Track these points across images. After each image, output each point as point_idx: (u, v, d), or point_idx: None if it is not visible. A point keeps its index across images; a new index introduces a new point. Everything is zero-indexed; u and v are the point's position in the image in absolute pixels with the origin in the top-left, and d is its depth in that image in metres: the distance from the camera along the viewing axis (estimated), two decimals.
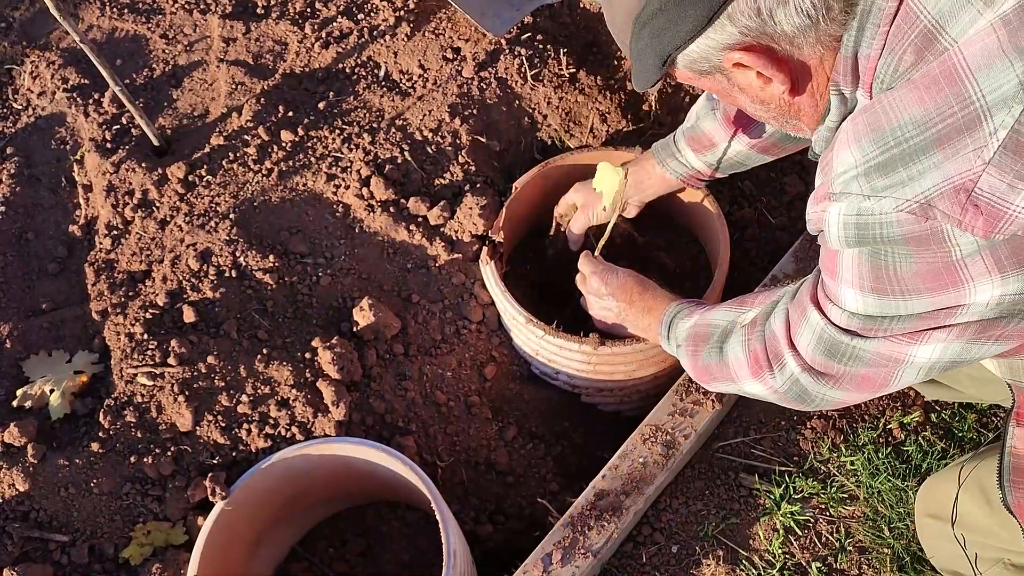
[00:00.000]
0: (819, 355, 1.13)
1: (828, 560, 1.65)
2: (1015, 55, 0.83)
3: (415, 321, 1.89)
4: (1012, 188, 0.82)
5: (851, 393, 1.16)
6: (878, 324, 1.03)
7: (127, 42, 2.40)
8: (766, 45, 0.98)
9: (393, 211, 1.97)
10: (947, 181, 0.85)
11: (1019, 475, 1.25)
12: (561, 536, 1.60)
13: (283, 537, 1.85)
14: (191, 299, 1.86)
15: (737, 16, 0.94)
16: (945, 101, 0.86)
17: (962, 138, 0.84)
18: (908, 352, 1.03)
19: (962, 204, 0.85)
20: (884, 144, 0.89)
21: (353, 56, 2.26)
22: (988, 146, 0.83)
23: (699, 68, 1.04)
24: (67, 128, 2.26)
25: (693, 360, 1.41)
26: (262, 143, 2.11)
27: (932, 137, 0.86)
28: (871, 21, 0.94)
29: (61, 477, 1.67)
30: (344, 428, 1.72)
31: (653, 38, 1.00)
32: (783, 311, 1.21)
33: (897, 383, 1.10)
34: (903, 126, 0.88)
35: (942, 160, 0.85)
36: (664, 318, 1.53)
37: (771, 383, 1.24)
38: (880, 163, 0.89)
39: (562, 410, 1.99)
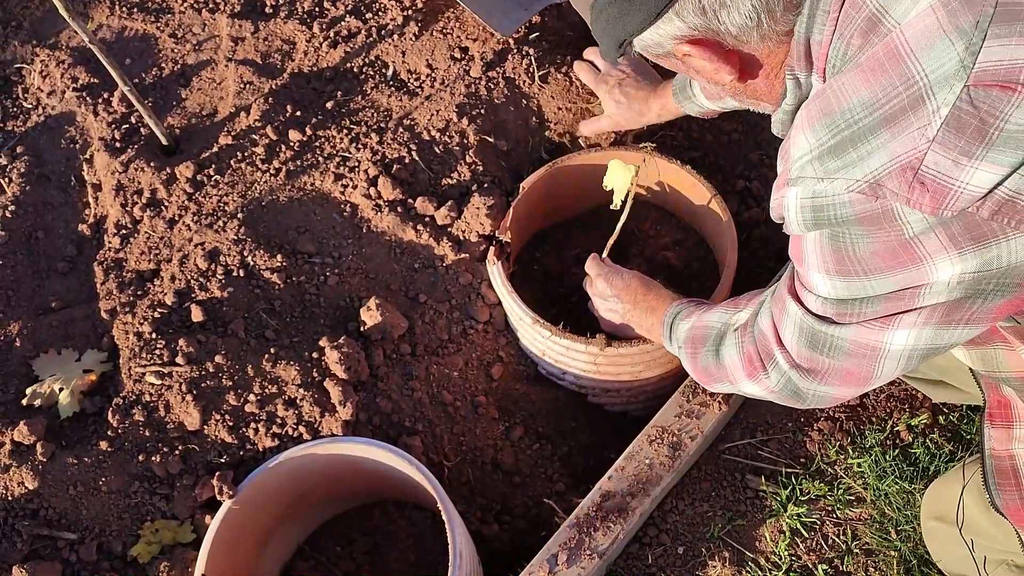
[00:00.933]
0: (803, 348, 1.15)
1: (835, 562, 1.65)
2: (955, 35, 0.84)
3: (422, 321, 1.89)
4: (957, 164, 0.84)
5: (839, 388, 1.17)
6: (849, 308, 1.05)
7: (136, 41, 2.41)
8: (713, 40, 1.03)
9: (400, 211, 1.97)
10: (894, 160, 0.87)
11: (1003, 477, 1.25)
12: (567, 537, 1.61)
13: (290, 536, 1.85)
14: (199, 298, 1.87)
15: (684, 13, 0.99)
16: (890, 82, 0.88)
17: (907, 117, 0.86)
18: (883, 339, 1.05)
19: (909, 182, 0.87)
20: (835, 127, 0.91)
21: (361, 55, 2.26)
22: (931, 124, 0.85)
23: (654, 52, 1.09)
24: (76, 127, 2.27)
25: (693, 362, 1.43)
26: (270, 142, 2.12)
27: (879, 118, 0.88)
28: (820, 8, 0.97)
29: (70, 475, 1.68)
30: (351, 428, 1.72)
31: (609, 23, 1.06)
32: (768, 309, 1.23)
33: (880, 374, 1.11)
34: (852, 108, 0.90)
35: (889, 139, 0.87)
36: (666, 319, 1.54)
37: (766, 383, 1.25)
38: (832, 146, 0.92)
39: (569, 410, 1.99)
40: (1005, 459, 1.27)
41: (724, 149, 2.17)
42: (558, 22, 2.25)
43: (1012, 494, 1.25)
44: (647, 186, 2.08)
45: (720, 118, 2.15)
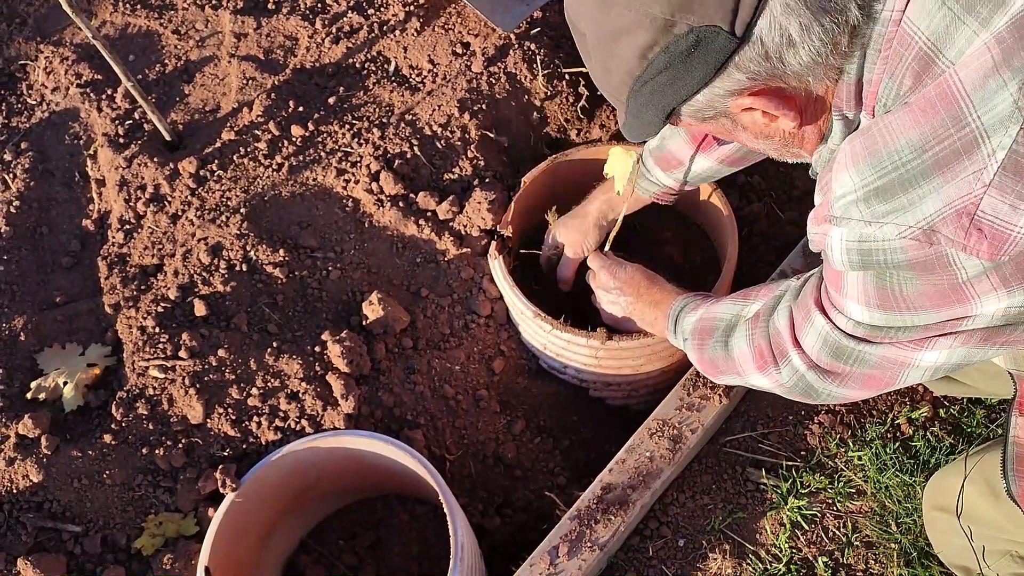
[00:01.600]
0: (825, 355, 1.13)
1: (835, 555, 1.65)
2: (1009, 74, 0.81)
3: (424, 315, 1.90)
4: (1015, 209, 0.81)
5: (857, 391, 1.16)
6: (884, 333, 1.03)
7: (140, 38, 2.42)
8: (775, 86, 0.97)
9: (402, 206, 1.97)
10: (948, 206, 0.84)
11: (1022, 463, 1.25)
12: (568, 529, 1.61)
13: (293, 529, 1.86)
14: (202, 293, 1.88)
15: (745, 63, 0.92)
16: (941, 123, 0.85)
17: (960, 161, 0.83)
18: (914, 356, 1.04)
19: (965, 228, 0.84)
20: (882, 168, 0.88)
21: (363, 51, 2.27)
22: (987, 168, 0.82)
23: (704, 115, 1.02)
24: (80, 123, 2.28)
25: (699, 353, 1.42)
26: (272, 138, 2.12)
27: (930, 161, 0.85)
28: (872, 47, 0.93)
29: (74, 468, 1.69)
30: (353, 421, 1.73)
31: (655, 94, 0.98)
32: (787, 309, 1.21)
33: (902, 382, 1.10)
34: (900, 150, 0.87)
35: (942, 184, 0.84)
36: (671, 312, 1.53)
37: (776, 378, 1.24)
38: (879, 188, 0.88)
39: (570, 404, 1.99)
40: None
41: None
42: (559, 17, 2.25)
43: None
44: None
45: None
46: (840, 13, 0.90)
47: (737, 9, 0.88)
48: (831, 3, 0.89)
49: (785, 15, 0.89)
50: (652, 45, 0.93)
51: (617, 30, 0.94)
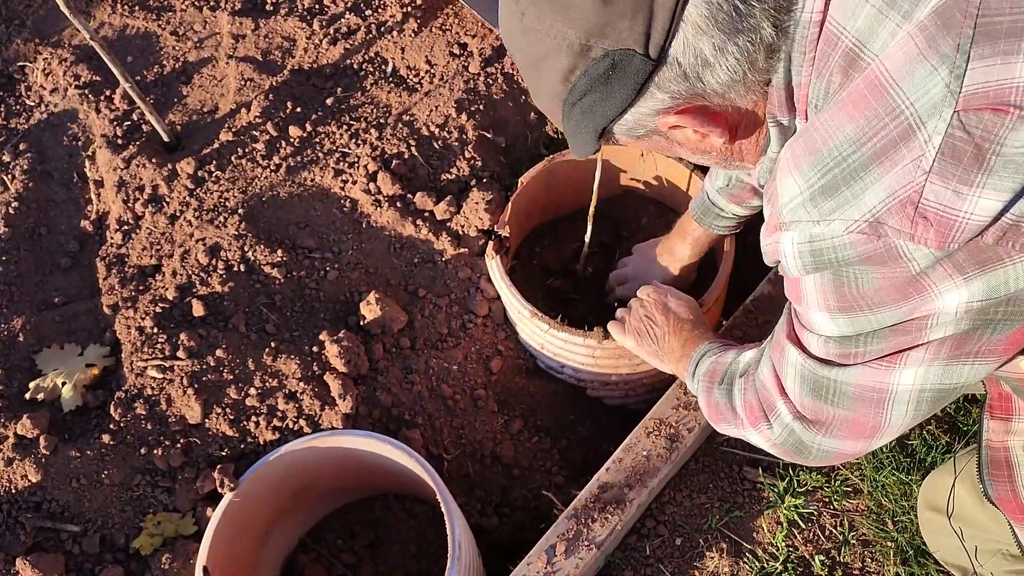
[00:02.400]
0: (806, 397, 1.11)
1: (832, 553, 1.66)
2: (937, 60, 0.82)
3: (421, 315, 1.90)
4: (958, 194, 0.81)
5: (845, 441, 1.14)
6: (853, 346, 1.01)
7: (138, 39, 2.42)
8: (699, 104, 0.98)
9: (400, 206, 1.98)
10: (892, 196, 0.84)
11: (997, 468, 1.25)
12: (565, 528, 1.62)
13: (291, 528, 1.87)
14: (200, 293, 1.88)
15: (664, 83, 0.94)
16: (875, 114, 0.85)
17: (899, 149, 0.83)
18: (889, 380, 1.02)
19: (911, 218, 0.83)
20: (824, 166, 0.88)
21: (361, 52, 2.27)
22: (926, 155, 0.81)
23: (636, 134, 1.04)
24: (79, 124, 2.28)
25: (706, 397, 1.39)
26: (270, 139, 2.13)
27: (869, 152, 0.85)
28: (796, 50, 0.93)
29: (73, 468, 1.69)
30: (351, 421, 1.73)
31: (584, 115, 1.00)
32: (768, 359, 1.19)
33: (889, 423, 1.07)
34: (839, 145, 0.87)
35: (882, 174, 0.84)
36: (695, 354, 1.50)
37: (768, 434, 1.22)
38: (823, 186, 0.88)
39: (568, 403, 2.00)
40: (1000, 450, 1.27)
41: None
42: None
43: (1004, 485, 1.25)
44: (645, 180, 2.09)
45: None
46: (753, 32, 0.91)
47: (650, 32, 0.90)
48: (744, 23, 0.90)
49: (697, 37, 0.90)
50: (573, 69, 0.95)
51: (540, 56, 0.97)
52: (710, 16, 0.89)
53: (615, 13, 0.90)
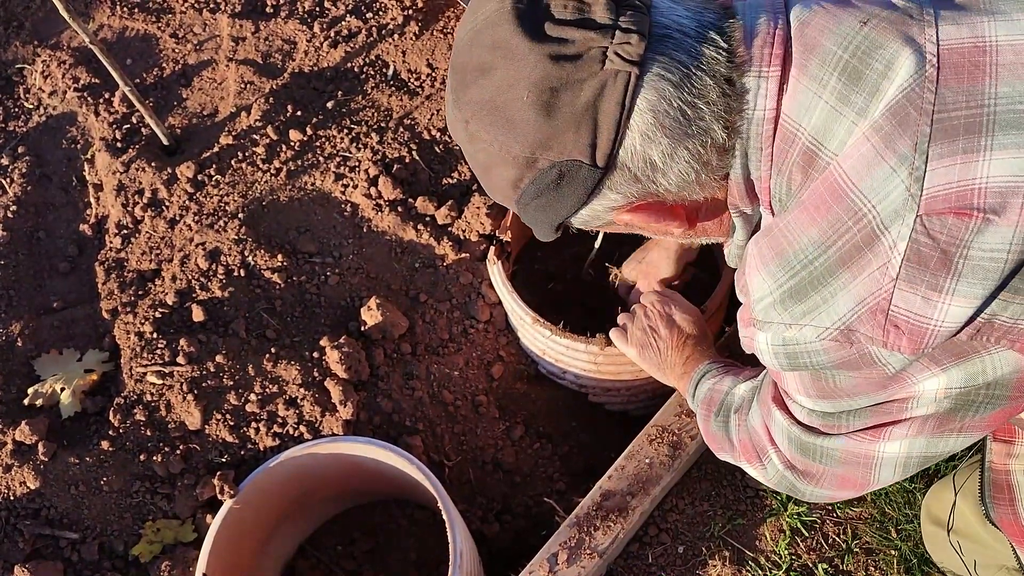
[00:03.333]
0: (795, 452, 1.11)
1: (835, 561, 1.65)
2: (896, 161, 0.81)
3: (423, 320, 1.89)
4: (927, 301, 0.80)
5: (836, 491, 1.13)
6: (836, 420, 1.01)
7: (137, 41, 2.41)
8: (654, 201, 0.98)
9: (401, 210, 1.97)
10: (860, 304, 0.84)
11: (999, 491, 1.24)
12: (567, 536, 1.61)
13: (291, 535, 1.86)
14: (200, 298, 1.87)
15: (616, 186, 0.93)
16: (836, 218, 0.84)
17: (864, 255, 0.83)
18: (875, 449, 1.01)
19: (882, 326, 0.83)
20: (791, 268, 0.88)
21: (361, 55, 2.26)
22: (891, 262, 0.81)
23: (594, 224, 1.04)
24: (78, 127, 2.27)
25: (704, 424, 1.38)
26: (271, 142, 2.12)
27: (834, 257, 0.85)
28: (752, 146, 0.92)
29: (72, 475, 1.68)
30: (352, 427, 1.73)
31: (538, 212, 0.99)
32: (758, 408, 1.19)
33: (878, 481, 1.07)
34: (804, 249, 0.87)
35: (849, 280, 0.84)
36: (695, 373, 1.49)
37: (762, 473, 1.22)
38: (791, 288, 0.88)
39: (569, 410, 1.99)
40: (1002, 473, 1.26)
41: None
42: None
43: (1006, 508, 1.25)
44: None
45: None
46: (704, 135, 0.90)
47: (595, 143, 0.89)
48: (692, 127, 0.89)
49: (645, 144, 0.89)
50: (520, 178, 0.94)
51: (486, 163, 0.97)
52: (656, 124, 0.88)
53: (559, 127, 0.89)
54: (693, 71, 0.88)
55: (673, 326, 1.59)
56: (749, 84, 0.90)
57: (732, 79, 0.90)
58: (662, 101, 0.87)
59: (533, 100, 0.88)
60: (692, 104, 0.88)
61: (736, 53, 0.90)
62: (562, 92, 0.88)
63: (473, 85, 0.93)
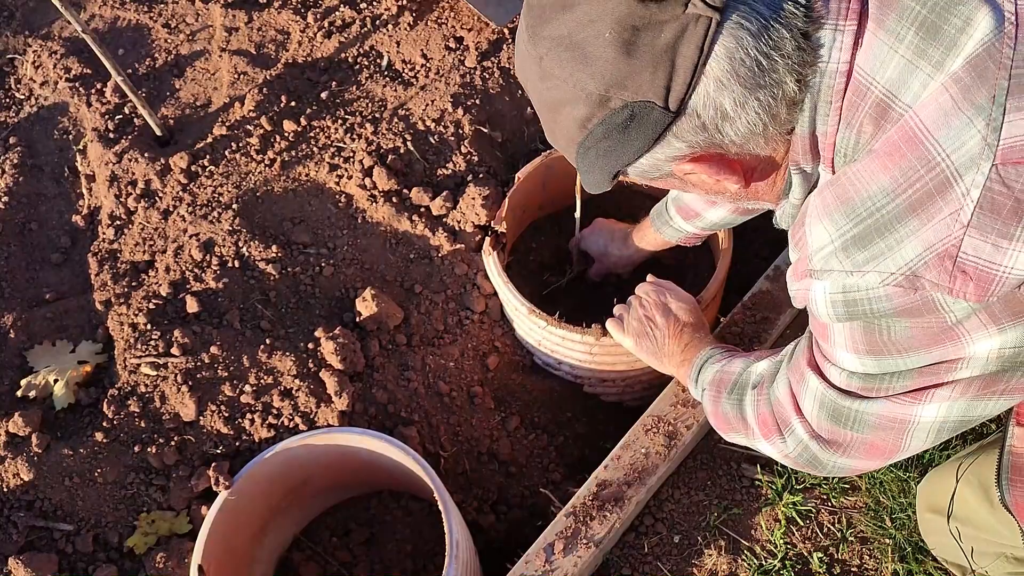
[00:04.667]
0: (824, 421, 1.11)
1: (830, 550, 1.66)
2: (973, 111, 0.81)
3: (418, 311, 1.89)
4: (997, 248, 0.81)
5: (862, 460, 1.13)
6: (878, 383, 1.01)
7: (129, 31, 2.40)
8: (716, 153, 0.98)
9: (396, 201, 1.96)
10: (929, 249, 0.84)
11: (1018, 473, 1.24)
12: (563, 526, 1.61)
13: (286, 526, 1.85)
14: (194, 289, 1.87)
15: (683, 133, 0.93)
16: (910, 166, 0.85)
17: (935, 202, 0.83)
18: (912, 412, 1.01)
19: (949, 272, 0.83)
20: (856, 216, 0.88)
21: (355, 45, 2.25)
22: (964, 208, 0.81)
23: (650, 176, 1.04)
24: (69, 118, 2.26)
25: (714, 406, 1.38)
26: (264, 133, 2.11)
27: (904, 204, 0.85)
28: (822, 99, 0.92)
29: (66, 467, 1.68)
30: (347, 418, 1.72)
31: (599, 158, 0.99)
32: (785, 378, 1.19)
33: (907, 448, 1.07)
34: (872, 196, 0.87)
35: (919, 227, 0.84)
36: (697, 360, 1.49)
37: (781, 447, 1.21)
38: (856, 235, 0.88)
39: (565, 400, 1.99)
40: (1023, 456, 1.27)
41: None
42: None
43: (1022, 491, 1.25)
44: None
45: None
46: (776, 87, 0.90)
47: (670, 86, 0.89)
48: (766, 78, 0.89)
49: (718, 91, 0.89)
50: (590, 117, 0.94)
51: (557, 101, 0.96)
52: (732, 71, 0.88)
53: (636, 66, 0.89)
54: (771, 23, 0.88)
55: (670, 315, 1.59)
56: (824, 38, 0.90)
57: (808, 33, 0.90)
58: (739, 50, 0.88)
59: (614, 37, 0.89)
60: (767, 55, 0.88)
61: (814, 8, 0.91)
62: (643, 32, 0.88)
63: (553, 20, 0.93)
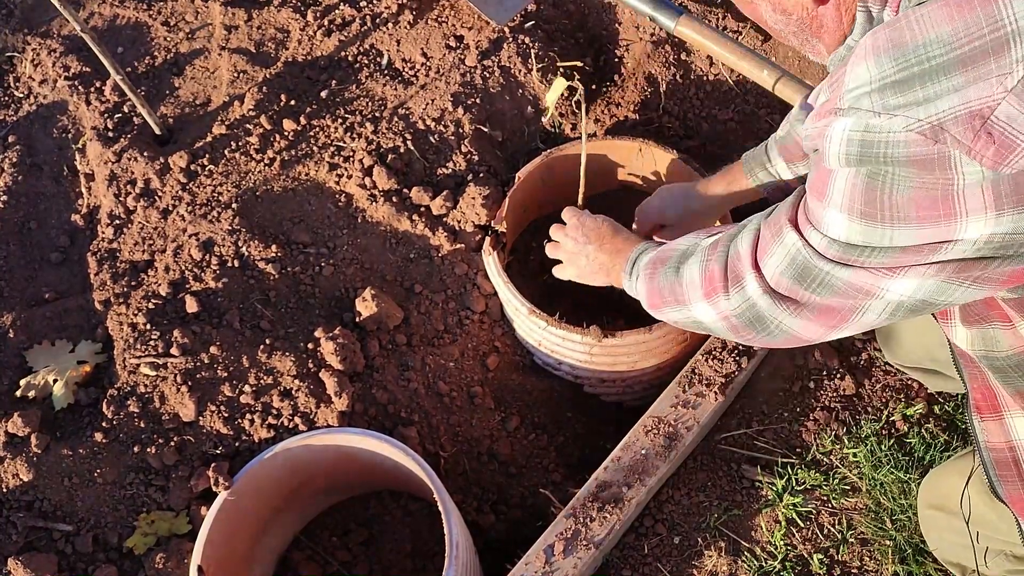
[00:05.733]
0: (786, 278, 1.09)
1: (830, 552, 1.65)
2: None
3: (418, 311, 1.89)
4: None
5: (808, 323, 1.11)
6: (858, 254, 0.99)
7: (128, 29, 2.39)
8: None
9: (395, 201, 1.96)
10: (964, 105, 0.82)
11: (1004, 468, 1.23)
12: (563, 527, 1.61)
13: (286, 526, 1.85)
14: (194, 289, 1.86)
15: None
16: (975, 20, 0.82)
17: (987, 62, 0.81)
18: (881, 285, 1.00)
19: (975, 130, 0.82)
20: (905, 61, 0.86)
21: (355, 44, 2.24)
22: (1013, 73, 0.80)
23: None
24: (69, 116, 2.25)
25: (649, 284, 1.36)
26: (264, 132, 2.10)
27: (956, 58, 0.83)
28: None
29: (65, 467, 1.67)
30: (347, 418, 1.72)
31: None
32: (752, 231, 1.16)
33: (859, 320, 1.05)
34: (928, 44, 0.85)
35: (963, 83, 0.82)
36: (631, 255, 1.47)
37: (723, 305, 1.19)
38: (897, 81, 0.86)
39: (565, 401, 1.99)
40: (1004, 451, 1.24)
41: (720, 138, 2.16)
42: (554, 10, 2.24)
43: (1015, 484, 1.23)
44: (642, 175, 2.07)
45: (715, 106, 2.14)
46: None
47: None
48: None
49: None
50: None
51: None
52: None
53: None
54: None
55: (591, 230, 1.58)
56: None
57: None
58: None
59: None
60: None
61: None
62: None
63: None
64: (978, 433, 1.25)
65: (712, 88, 2.15)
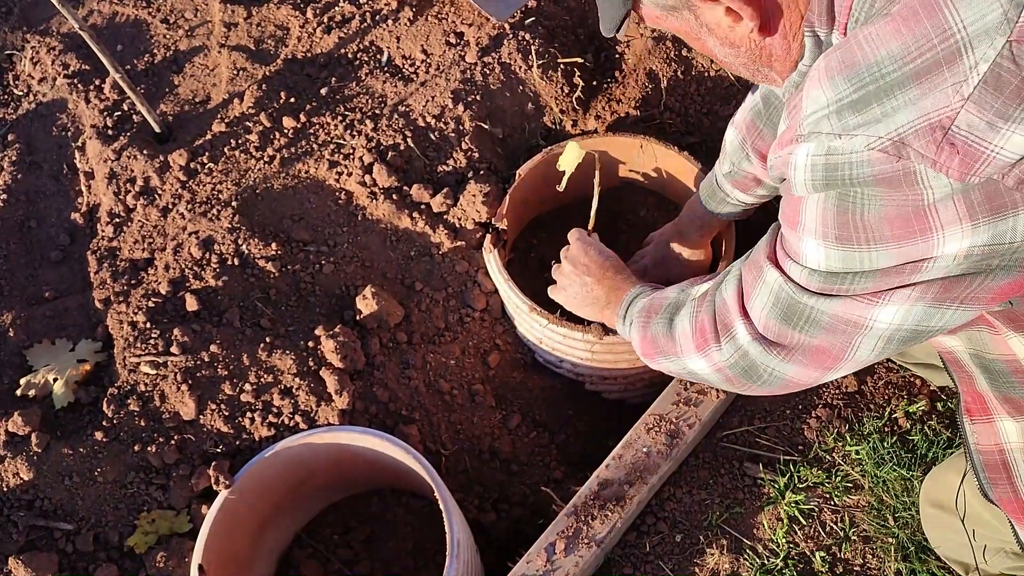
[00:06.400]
0: (773, 320, 1.07)
1: (832, 549, 1.65)
2: None
3: (418, 309, 1.88)
4: (992, 127, 0.78)
5: (802, 368, 1.10)
6: (840, 281, 0.98)
7: (128, 27, 2.38)
8: None
9: (396, 198, 1.95)
10: (922, 117, 0.81)
11: (994, 471, 1.22)
12: (565, 525, 1.60)
13: (287, 524, 1.85)
14: (194, 287, 1.86)
15: None
16: (923, 33, 0.81)
17: (940, 72, 0.80)
18: (868, 315, 0.98)
19: (937, 142, 0.81)
20: (859, 81, 0.85)
21: (355, 41, 2.24)
22: (968, 81, 0.79)
23: (666, 5, 1.01)
24: (68, 115, 2.25)
25: (642, 333, 1.36)
26: (264, 129, 2.10)
27: (910, 71, 0.82)
28: None
29: (65, 466, 1.67)
30: (347, 417, 1.72)
31: None
32: (735, 277, 1.16)
33: (852, 357, 1.04)
34: (880, 61, 0.84)
35: (918, 96, 0.81)
36: (626, 298, 1.48)
37: (715, 357, 1.18)
38: (854, 100, 0.85)
39: (566, 398, 1.98)
40: (994, 453, 1.24)
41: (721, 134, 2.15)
42: (554, 6, 2.23)
43: (1004, 487, 1.23)
44: (643, 172, 2.06)
45: (716, 103, 2.14)
46: None
47: None
48: None
49: None
50: None
51: None
52: None
53: None
54: None
55: (592, 264, 1.59)
56: None
57: None
58: None
59: None
60: None
61: None
62: None
63: None
64: (968, 435, 1.25)
65: (713, 84, 2.14)
